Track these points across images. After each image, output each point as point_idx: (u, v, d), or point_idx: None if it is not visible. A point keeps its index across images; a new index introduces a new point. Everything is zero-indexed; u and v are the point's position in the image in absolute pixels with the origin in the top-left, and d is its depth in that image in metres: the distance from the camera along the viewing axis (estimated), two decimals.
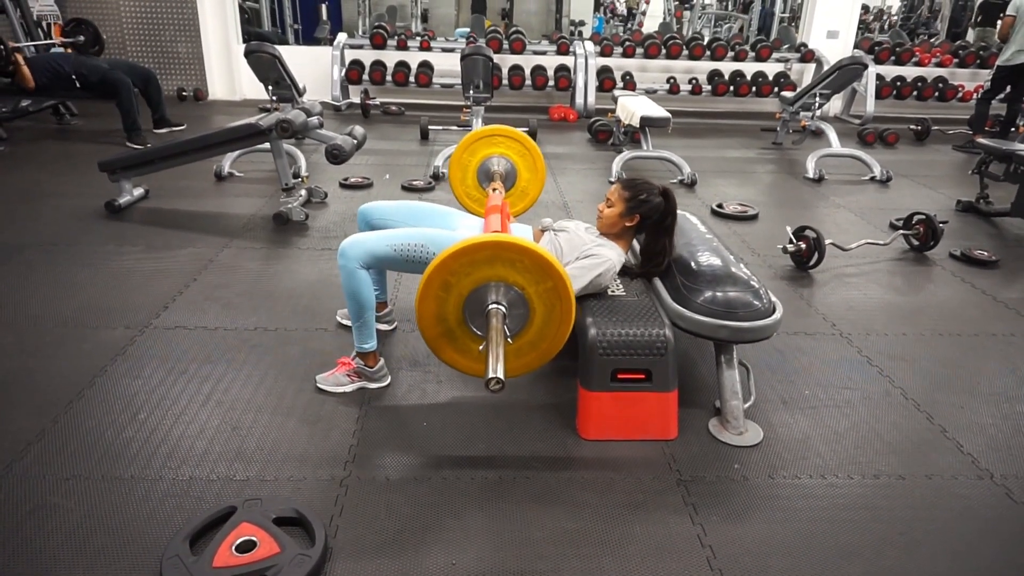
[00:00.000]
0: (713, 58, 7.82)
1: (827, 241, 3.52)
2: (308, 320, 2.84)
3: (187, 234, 3.76)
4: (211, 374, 2.42)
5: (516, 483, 1.95)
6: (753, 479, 2.02)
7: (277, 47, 5.15)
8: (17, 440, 2.02)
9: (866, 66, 5.64)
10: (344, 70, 7.37)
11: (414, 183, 4.82)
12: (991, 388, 2.57)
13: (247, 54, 5.00)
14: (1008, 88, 6.49)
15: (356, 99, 7.39)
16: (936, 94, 7.83)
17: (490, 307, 1.85)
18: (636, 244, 2.58)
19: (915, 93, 7.84)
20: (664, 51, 7.78)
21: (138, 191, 4.21)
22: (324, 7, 11.24)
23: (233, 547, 1.61)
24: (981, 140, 4.74)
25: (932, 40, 9.58)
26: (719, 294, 2.23)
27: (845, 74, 5.58)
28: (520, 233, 2.42)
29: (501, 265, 1.85)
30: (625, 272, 2.49)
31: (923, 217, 3.88)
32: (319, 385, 2.36)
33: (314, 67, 7.29)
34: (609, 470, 2.03)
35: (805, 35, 8.21)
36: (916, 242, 3.92)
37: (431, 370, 2.51)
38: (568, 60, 7.72)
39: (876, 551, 1.76)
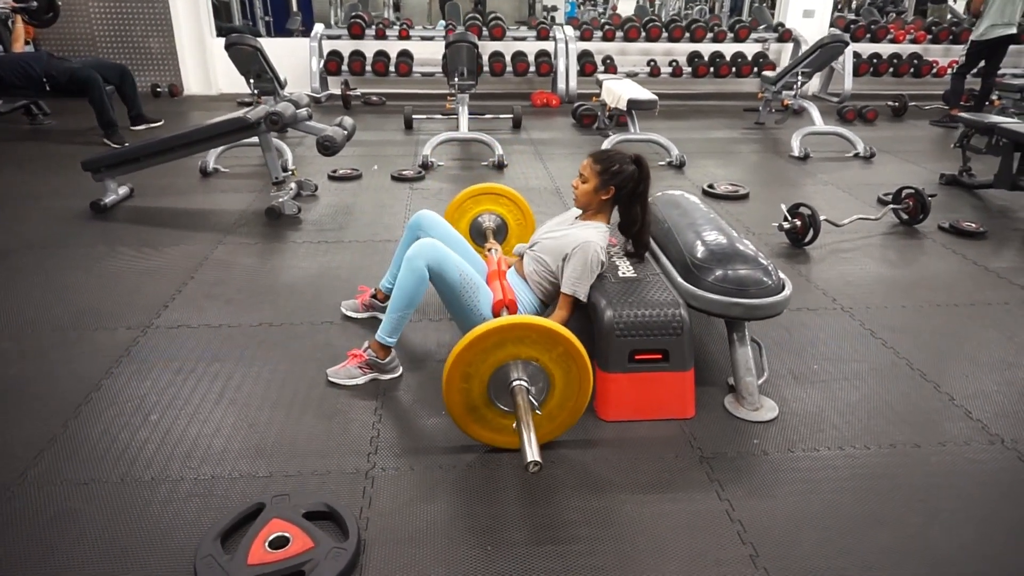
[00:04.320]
0: (692, 40, 7.84)
1: (821, 217, 3.56)
2: (313, 314, 2.81)
3: (178, 232, 3.69)
4: (220, 372, 2.38)
5: (543, 466, 1.95)
6: (773, 453, 2.04)
7: (258, 39, 5.06)
8: (28, 447, 1.97)
9: (847, 44, 5.68)
10: (323, 61, 7.27)
11: (404, 173, 4.78)
12: (992, 356, 2.62)
13: (228, 47, 4.90)
14: (982, 62, 6.58)
15: (335, 90, 7.30)
16: (911, 70, 7.94)
17: (513, 384, 1.87)
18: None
19: (891, 70, 7.94)
20: (644, 34, 7.78)
21: (123, 190, 4.12)
22: None
23: (266, 543, 1.59)
24: (962, 114, 4.81)
25: (902, 17, 9.70)
26: (730, 272, 2.25)
27: (827, 52, 5.62)
28: (511, 279, 2.40)
29: (511, 344, 1.86)
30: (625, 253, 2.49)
31: (912, 191, 3.94)
32: (331, 379, 2.34)
33: (291, 59, 7.18)
34: (632, 450, 2.04)
35: (782, 15, 8.27)
36: (906, 216, 3.98)
37: (443, 359, 2.48)
38: (548, 45, 7.68)
39: (900, 519, 1.79)
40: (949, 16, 9.22)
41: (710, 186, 4.59)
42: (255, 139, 3.87)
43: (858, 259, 3.52)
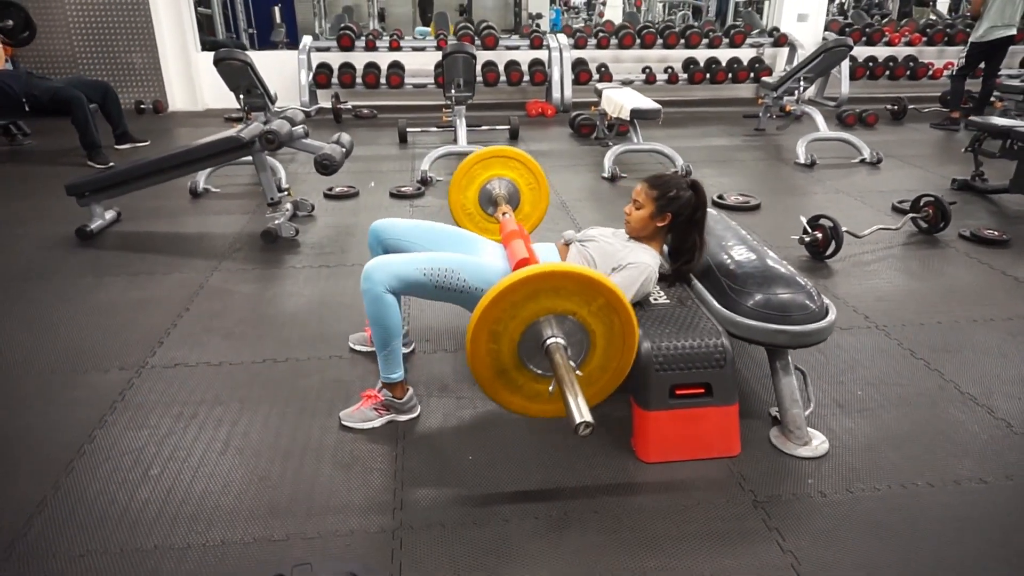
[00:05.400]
0: (688, 46, 7.73)
1: (843, 229, 3.43)
2: (320, 347, 2.63)
3: (170, 258, 3.50)
4: (224, 417, 2.20)
5: (584, 518, 1.79)
6: (831, 494, 1.89)
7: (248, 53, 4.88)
8: (17, 514, 1.78)
9: (851, 48, 5.60)
10: (312, 74, 7.09)
11: (402, 190, 4.61)
12: None
13: (217, 62, 4.72)
14: (982, 64, 6.52)
15: (325, 104, 7.12)
16: (908, 73, 7.88)
17: (548, 343, 1.69)
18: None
19: (887, 73, 7.87)
20: (638, 41, 7.67)
21: (109, 214, 3.93)
22: (277, 10, 10.88)
23: None
24: (975, 118, 4.71)
25: (884, 19, 9.68)
26: (772, 297, 2.10)
27: (830, 57, 5.53)
28: (545, 253, 2.24)
29: (545, 297, 1.69)
30: (661, 277, 2.34)
31: (932, 199, 3.82)
32: (344, 422, 2.16)
33: (278, 72, 6.99)
34: (679, 494, 1.88)
35: (776, 19, 8.19)
36: (925, 224, 3.86)
37: (463, 395, 2.33)
38: (542, 54, 7.55)
39: (983, 569, 1.64)
40: (934, 17, 9.23)
41: (720, 197, 4.46)
42: (248, 157, 3.69)
43: (883, 272, 3.39)
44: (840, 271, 3.39)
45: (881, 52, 7.99)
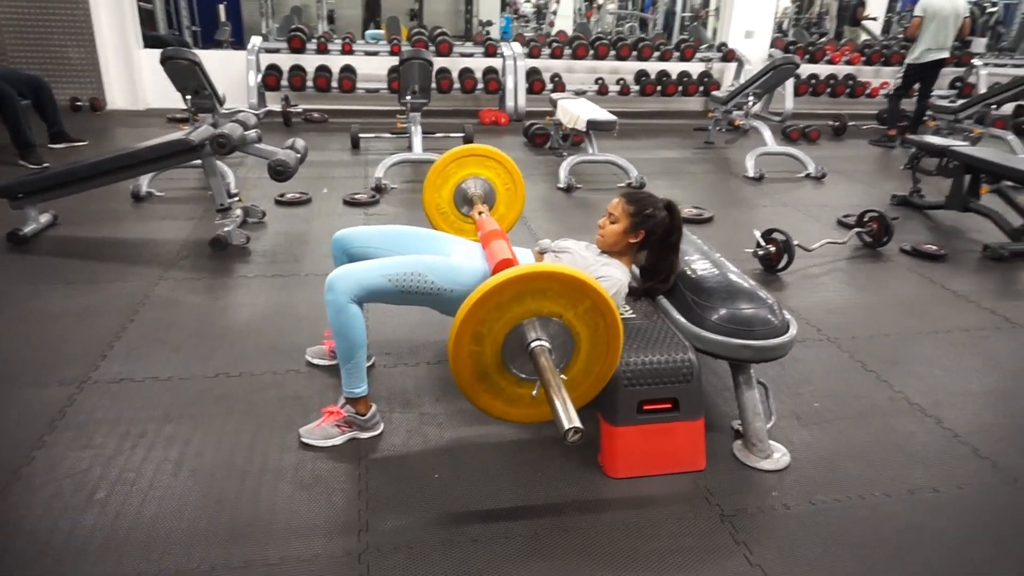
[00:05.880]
0: (639, 58, 7.85)
1: (794, 243, 3.52)
2: (275, 361, 2.54)
3: (112, 266, 3.34)
4: (176, 435, 2.09)
5: (554, 536, 1.77)
6: (794, 506, 1.92)
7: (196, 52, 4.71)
8: None
9: (798, 65, 5.78)
10: (261, 76, 6.90)
11: (356, 197, 4.52)
12: (984, 385, 2.60)
13: (163, 60, 4.53)
14: (917, 84, 6.82)
15: (275, 106, 6.95)
16: (847, 91, 8.19)
17: (533, 346, 1.66)
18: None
19: (828, 90, 8.17)
20: (592, 52, 7.74)
21: (45, 217, 3.72)
22: (222, 8, 10.59)
23: None
24: (913, 136, 4.92)
25: (822, 38, 10.05)
26: (736, 312, 2.13)
27: (779, 74, 5.70)
28: (522, 258, 2.23)
29: (531, 299, 1.66)
30: (629, 291, 2.35)
31: (876, 214, 3.97)
32: (304, 439, 2.09)
33: (225, 73, 6.76)
34: (647, 510, 1.88)
35: (724, 35, 8.39)
36: (870, 239, 4.00)
37: (427, 411, 2.28)
38: (495, 62, 7.55)
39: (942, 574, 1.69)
40: (865, 38, 9.61)
41: None
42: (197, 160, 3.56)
43: (832, 284, 3.50)
44: (792, 284, 3.48)
45: (823, 70, 8.28)
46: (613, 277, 2.10)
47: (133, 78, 7.08)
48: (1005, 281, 3.66)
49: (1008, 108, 7.34)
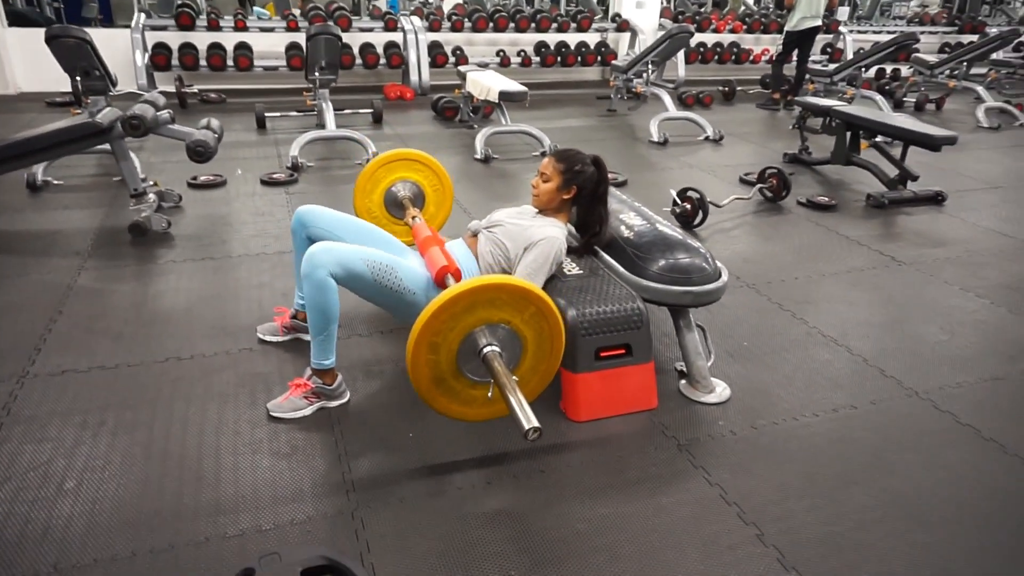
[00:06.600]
0: (538, 30, 7.98)
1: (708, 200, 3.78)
2: (226, 341, 2.51)
3: (21, 258, 3.14)
4: (138, 421, 2.06)
5: (533, 477, 1.90)
6: (740, 432, 2.13)
7: (86, 30, 4.41)
8: None
9: (692, 34, 6.07)
10: (148, 55, 6.51)
11: (274, 176, 4.42)
12: (883, 316, 2.93)
13: (49, 39, 4.21)
14: (796, 50, 7.32)
15: (167, 87, 6.58)
16: (733, 58, 8.67)
17: (485, 351, 1.78)
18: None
19: (716, 57, 8.61)
20: (491, 24, 7.79)
21: None
22: None
23: None
24: (799, 98, 5.32)
25: (703, 9, 10.55)
26: (675, 262, 2.31)
27: (674, 43, 5.97)
28: (456, 250, 2.30)
29: (482, 308, 1.78)
30: (569, 249, 2.48)
31: (775, 171, 4.30)
32: (273, 413, 2.10)
33: (106, 52, 6.28)
34: (613, 447, 2.04)
35: (616, 6, 8.64)
36: (770, 194, 4.33)
37: (388, 377, 2.34)
38: (396, 36, 7.46)
39: (867, 477, 1.94)
40: (745, 7, 10.17)
41: None
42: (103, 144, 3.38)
43: (743, 236, 3.79)
44: (708, 238, 3.74)
45: (709, 38, 8.72)
46: (551, 236, 2.21)
47: (0, 61, 6.50)
48: (887, 225, 4.08)
49: (872, 72, 8.02)
